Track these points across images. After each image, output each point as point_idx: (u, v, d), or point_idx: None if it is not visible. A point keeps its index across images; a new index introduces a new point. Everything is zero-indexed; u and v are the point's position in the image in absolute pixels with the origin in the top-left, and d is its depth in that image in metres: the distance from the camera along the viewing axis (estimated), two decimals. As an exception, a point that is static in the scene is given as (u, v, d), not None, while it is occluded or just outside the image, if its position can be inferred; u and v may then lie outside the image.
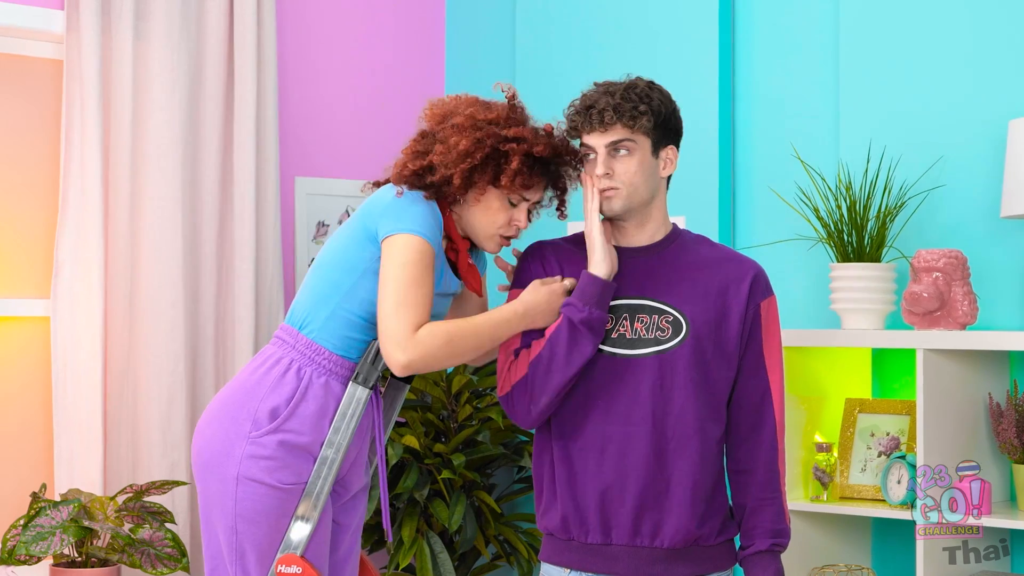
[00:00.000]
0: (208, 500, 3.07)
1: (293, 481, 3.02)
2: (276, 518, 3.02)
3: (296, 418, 3.02)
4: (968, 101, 3.93)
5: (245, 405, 3.04)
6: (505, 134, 3.03)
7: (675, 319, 2.96)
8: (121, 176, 4.21)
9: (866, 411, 3.99)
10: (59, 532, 3.78)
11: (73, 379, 4.13)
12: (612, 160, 2.96)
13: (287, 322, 3.12)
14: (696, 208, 4.30)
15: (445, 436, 4.45)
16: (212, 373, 4.38)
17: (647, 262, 3.03)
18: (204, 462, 3.06)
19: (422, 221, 3.00)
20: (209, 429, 3.07)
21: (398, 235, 2.99)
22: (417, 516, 4.28)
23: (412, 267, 2.96)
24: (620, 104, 2.94)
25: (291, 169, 4.68)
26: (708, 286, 2.99)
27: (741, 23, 4.38)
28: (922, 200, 3.97)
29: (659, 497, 2.95)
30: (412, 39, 4.98)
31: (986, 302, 3.87)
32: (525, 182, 3.04)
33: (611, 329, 2.98)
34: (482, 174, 3.03)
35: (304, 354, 3.06)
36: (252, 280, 4.41)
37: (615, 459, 2.95)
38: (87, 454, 4.12)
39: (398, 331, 2.93)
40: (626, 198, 2.98)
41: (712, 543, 3.01)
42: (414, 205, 3.03)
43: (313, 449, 3.04)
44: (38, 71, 4.28)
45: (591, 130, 2.96)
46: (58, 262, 4.13)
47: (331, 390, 3.06)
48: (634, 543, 2.97)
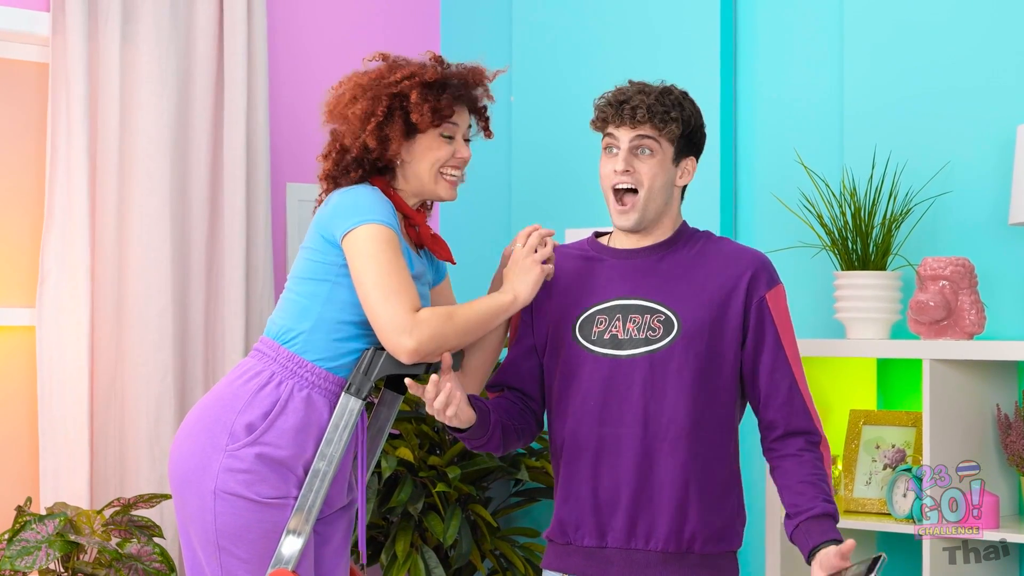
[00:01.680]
0: (186, 517, 3.05)
1: (274, 495, 3.00)
2: (259, 534, 3.00)
3: (274, 431, 3.01)
4: (975, 105, 3.93)
5: (221, 418, 3.03)
6: (393, 79, 3.10)
7: (667, 318, 2.98)
8: (108, 182, 4.18)
9: (871, 423, 3.99)
10: (44, 547, 3.75)
11: (59, 390, 4.11)
12: (633, 158, 3.00)
13: (267, 335, 3.11)
14: (697, 214, 4.22)
15: (440, 448, 4.44)
16: (201, 384, 4.37)
17: (644, 263, 3.06)
18: (181, 477, 3.05)
19: (372, 207, 3.02)
20: (185, 444, 3.06)
21: (355, 229, 3.00)
22: (411, 530, 4.27)
23: (383, 255, 2.97)
24: (654, 105, 2.99)
25: (282, 175, 4.67)
26: (706, 284, 3.01)
27: (743, 25, 4.39)
28: (928, 207, 3.97)
29: (652, 498, 2.97)
30: (406, 44, 4.85)
31: (994, 311, 3.87)
32: (439, 109, 3.09)
33: (603, 330, 3.01)
34: (394, 126, 3.08)
35: (286, 367, 3.05)
36: (242, 289, 4.39)
37: (610, 461, 2.98)
38: (73, 467, 4.11)
39: (397, 318, 2.93)
40: (643, 208, 3.01)
41: (711, 551, 2.99)
42: (358, 196, 3.06)
43: (292, 464, 3.02)
44: (23, 74, 4.26)
45: (620, 123, 3.00)
46: (43, 270, 4.11)
47: (313, 404, 3.05)
48: (628, 546, 2.98)
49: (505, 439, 3.07)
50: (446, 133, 3.12)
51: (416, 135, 3.11)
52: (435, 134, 3.11)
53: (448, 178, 3.14)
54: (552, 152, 4.66)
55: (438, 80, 3.10)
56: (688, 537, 2.96)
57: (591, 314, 3.03)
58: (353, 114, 3.10)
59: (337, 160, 3.14)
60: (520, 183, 4.73)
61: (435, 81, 3.10)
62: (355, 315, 3.04)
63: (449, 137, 3.13)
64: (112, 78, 4.18)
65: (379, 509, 4.24)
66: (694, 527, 2.96)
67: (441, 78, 3.11)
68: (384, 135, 3.08)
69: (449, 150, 3.13)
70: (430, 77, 3.09)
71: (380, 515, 4.28)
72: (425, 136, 3.11)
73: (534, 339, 3.12)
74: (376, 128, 3.07)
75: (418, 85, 3.08)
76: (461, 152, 3.15)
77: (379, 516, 4.28)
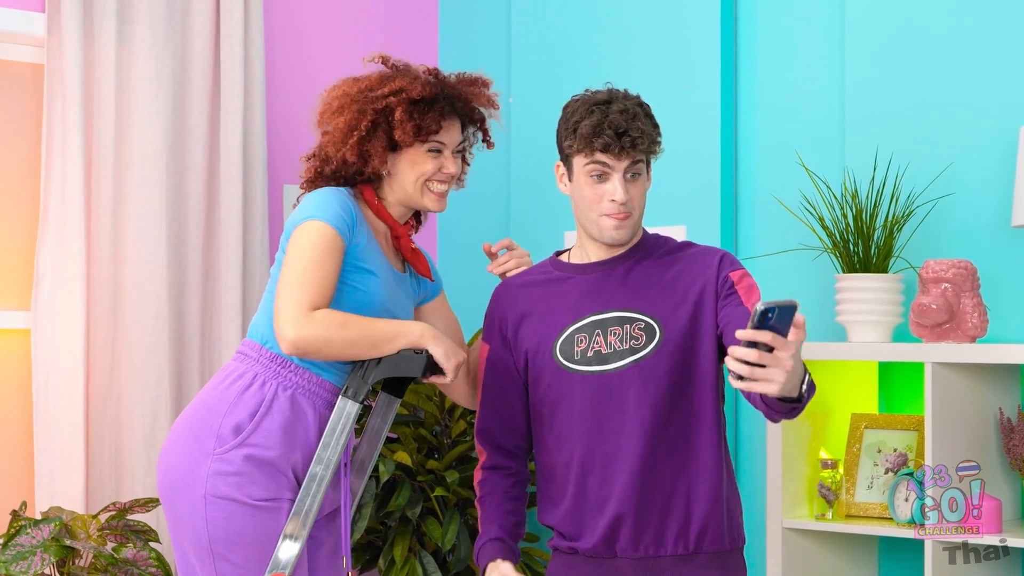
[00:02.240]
0: (178, 524, 3.04)
1: (266, 497, 2.99)
2: (252, 539, 2.99)
3: (261, 432, 3.01)
4: (978, 106, 3.92)
5: (208, 423, 3.02)
6: (381, 93, 3.08)
7: (647, 325, 2.98)
8: (104, 184, 4.18)
9: (873, 427, 3.98)
10: (40, 552, 3.76)
11: (54, 393, 4.11)
12: (627, 184, 2.99)
13: (249, 337, 3.11)
14: (698, 217, 4.30)
15: (438, 452, 4.44)
16: (197, 387, 4.35)
17: (613, 274, 3.05)
18: (170, 484, 3.04)
19: (322, 206, 3.02)
20: (173, 451, 3.06)
21: (300, 224, 3.02)
22: (409, 535, 4.26)
23: (311, 249, 2.97)
24: (649, 132, 2.99)
25: (279, 177, 4.66)
26: (677, 286, 3.02)
27: (744, 26, 4.38)
28: (930, 209, 3.96)
29: (659, 505, 2.97)
30: (404, 45, 4.98)
31: (997, 314, 3.86)
32: (423, 127, 3.07)
33: (586, 348, 3.01)
34: (376, 142, 3.07)
35: (269, 367, 3.05)
36: (239, 292, 4.38)
37: (613, 474, 2.98)
38: (69, 471, 4.10)
39: (292, 307, 2.93)
40: (635, 223, 3.02)
41: (720, 549, 3.01)
42: (317, 195, 3.06)
43: (281, 465, 3.02)
44: (18, 76, 4.25)
45: (620, 155, 2.96)
46: (39, 272, 4.11)
47: (298, 404, 3.05)
48: (637, 553, 2.98)
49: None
50: (432, 148, 3.11)
51: (401, 148, 3.10)
52: (421, 149, 3.10)
53: (435, 191, 3.13)
54: (551, 153, 4.61)
55: (426, 97, 3.08)
56: (695, 538, 2.98)
57: (570, 334, 3.03)
58: (336, 126, 3.10)
59: (318, 168, 3.16)
60: (519, 185, 4.71)
61: (422, 98, 3.08)
62: None
63: (436, 151, 3.12)
64: (108, 79, 4.18)
65: (377, 513, 4.23)
66: (701, 526, 2.98)
67: (430, 94, 3.08)
68: (365, 150, 3.08)
69: (435, 164, 3.11)
70: (418, 94, 3.07)
71: (378, 519, 4.27)
72: (410, 150, 3.11)
73: (516, 374, 3.11)
74: (357, 143, 3.07)
75: (404, 102, 3.06)
76: (447, 167, 3.13)
77: (377, 520, 4.28)
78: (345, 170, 3.11)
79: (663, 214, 4.21)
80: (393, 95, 3.06)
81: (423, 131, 3.07)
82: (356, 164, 3.08)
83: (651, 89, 4.47)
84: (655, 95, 4.46)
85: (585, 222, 3.03)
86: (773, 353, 2.48)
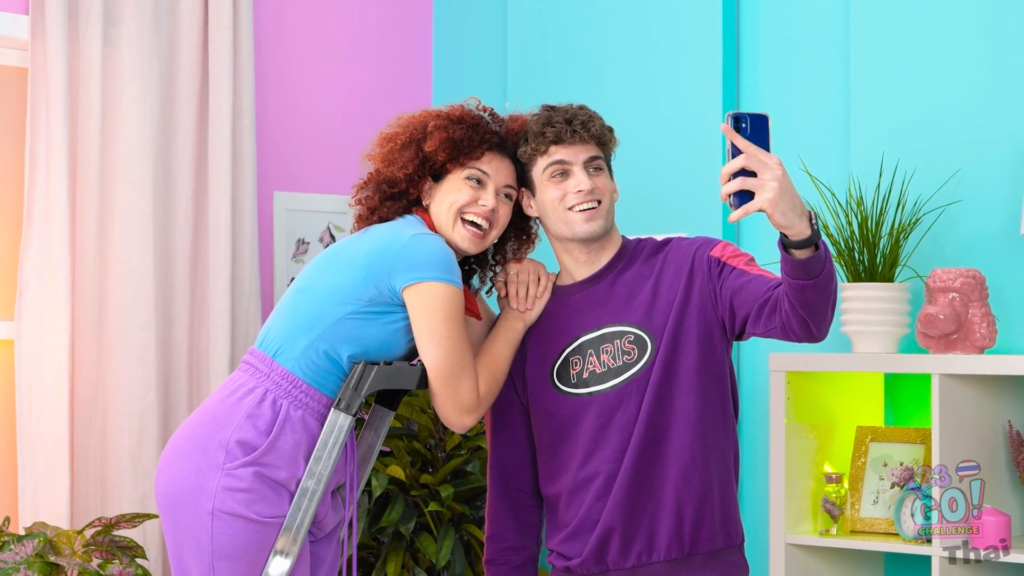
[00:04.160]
0: (179, 539, 3.00)
1: (271, 514, 2.97)
2: (256, 554, 2.96)
3: (275, 452, 2.97)
4: (986, 112, 3.90)
5: (215, 436, 2.97)
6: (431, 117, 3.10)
7: (636, 337, 3.01)
8: (89, 190, 4.19)
9: (878, 440, 3.96)
10: (23, 568, 3.74)
11: (38, 405, 4.11)
12: (590, 176, 3.02)
13: (258, 347, 3.06)
14: (699, 224, 4.28)
15: (432, 466, 4.42)
16: (185, 400, 4.37)
17: (596, 290, 3.08)
18: (174, 498, 2.99)
19: (442, 261, 2.97)
20: (176, 463, 3.01)
21: (427, 284, 2.95)
22: (403, 551, 4.24)
23: (456, 321, 2.96)
24: (599, 118, 3.05)
25: (269, 183, 4.66)
26: (659, 288, 3.03)
27: (746, 30, 4.37)
28: (938, 216, 3.93)
29: (649, 513, 3.00)
30: (398, 48, 5.01)
31: (1006, 324, 3.83)
32: (454, 141, 3.02)
33: (580, 371, 3.04)
34: (407, 151, 3.06)
35: (280, 384, 3.00)
36: (228, 301, 4.38)
37: (605, 492, 3.02)
38: (53, 485, 4.10)
39: (465, 399, 2.98)
40: (606, 215, 3.04)
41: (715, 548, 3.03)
42: (431, 247, 2.98)
43: (289, 485, 2.99)
44: (1, 79, 4.26)
45: (573, 141, 3.00)
46: (22, 281, 4.12)
47: (307, 426, 3.01)
48: (627, 564, 3.02)
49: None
50: (471, 176, 3.04)
51: (443, 177, 3.06)
52: (459, 175, 3.04)
53: (468, 226, 3.05)
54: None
55: (466, 119, 3.06)
56: (689, 539, 3.00)
57: (564, 359, 3.06)
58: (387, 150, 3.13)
59: (383, 192, 3.12)
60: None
61: (460, 116, 3.06)
62: (351, 352, 2.99)
63: (476, 181, 3.04)
64: (93, 83, 4.20)
65: (369, 529, 4.22)
66: (692, 527, 3.00)
67: (472, 120, 3.06)
68: (410, 174, 3.06)
69: (471, 195, 3.04)
70: (456, 115, 3.06)
71: (370, 535, 4.26)
72: (450, 177, 3.05)
73: (521, 407, 3.15)
74: (388, 153, 3.08)
75: (438, 116, 3.06)
76: (485, 199, 3.04)
77: (369, 536, 4.26)
78: (392, 187, 3.09)
79: (664, 221, 4.21)
80: (436, 118, 3.07)
81: (455, 147, 3.02)
82: (403, 182, 3.06)
83: (651, 95, 4.46)
84: (655, 101, 4.46)
85: (555, 227, 3.04)
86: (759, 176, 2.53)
